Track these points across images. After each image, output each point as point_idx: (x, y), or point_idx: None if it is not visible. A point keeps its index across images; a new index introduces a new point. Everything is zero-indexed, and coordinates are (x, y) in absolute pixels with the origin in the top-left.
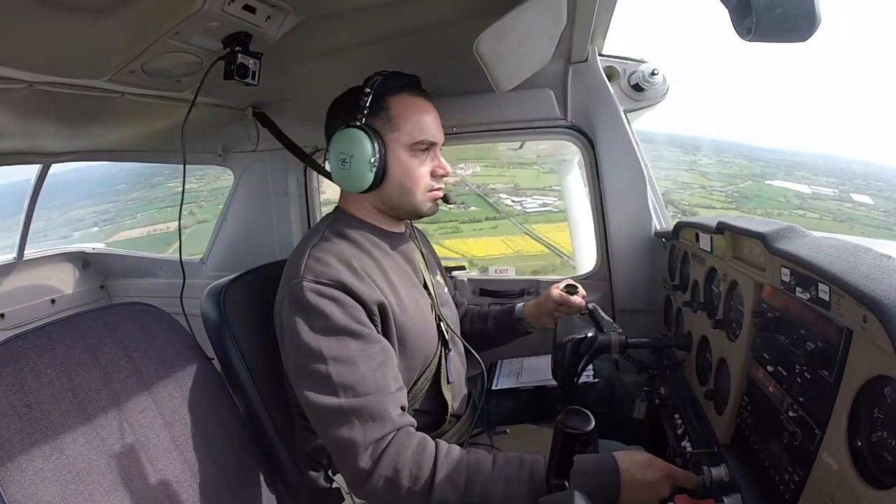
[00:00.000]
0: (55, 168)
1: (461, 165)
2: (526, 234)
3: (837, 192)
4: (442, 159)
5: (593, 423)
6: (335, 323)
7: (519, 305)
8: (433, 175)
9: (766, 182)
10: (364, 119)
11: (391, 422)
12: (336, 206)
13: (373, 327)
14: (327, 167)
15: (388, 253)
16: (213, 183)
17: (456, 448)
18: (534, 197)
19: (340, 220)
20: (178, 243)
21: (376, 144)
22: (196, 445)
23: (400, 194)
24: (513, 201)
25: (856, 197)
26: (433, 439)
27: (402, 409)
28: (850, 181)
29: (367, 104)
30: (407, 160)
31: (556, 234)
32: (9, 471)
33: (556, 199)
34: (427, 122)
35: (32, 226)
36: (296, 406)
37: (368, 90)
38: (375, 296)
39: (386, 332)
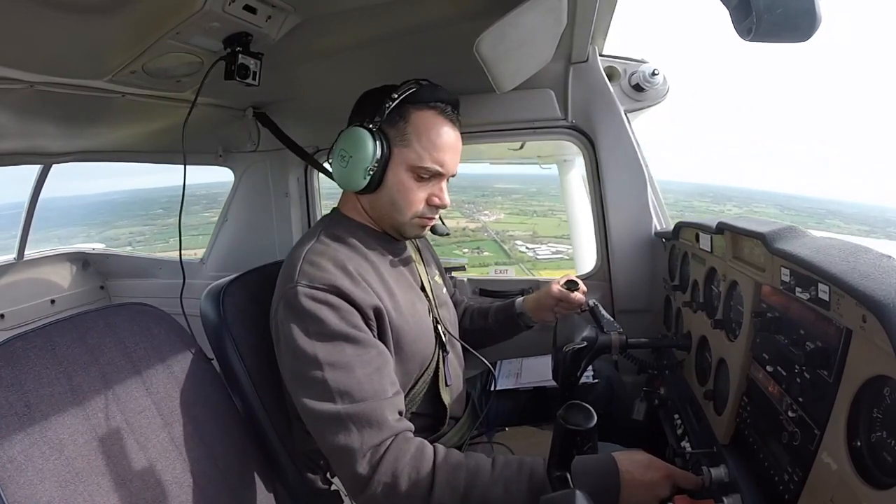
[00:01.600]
0: (103, 188)
1: (486, 212)
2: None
3: (867, 240)
4: (444, 191)
5: (595, 419)
6: (331, 328)
7: (519, 300)
8: (429, 203)
9: None
10: (380, 124)
11: (388, 427)
12: (333, 209)
13: (369, 332)
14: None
15: (385, 255)
16: None
17: (454, 452)
18: (549, 244)
19: (336, 223)
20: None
21: (380, 152)
22: (195, 446)
23: (389, 209)
24: (527, 248)
25: (885, 245)
26: (431, 444)
27: (400, 413)
28: (882, 229)
29: (389, 109)
30: (405, 180)
31: None
32: (8, 471)
33: (569, 246)
34: (443, 149)
35: (73, 241)
36: (293, 409)
37: (396, 95)
38: (371, 300)
39: (382, 337)
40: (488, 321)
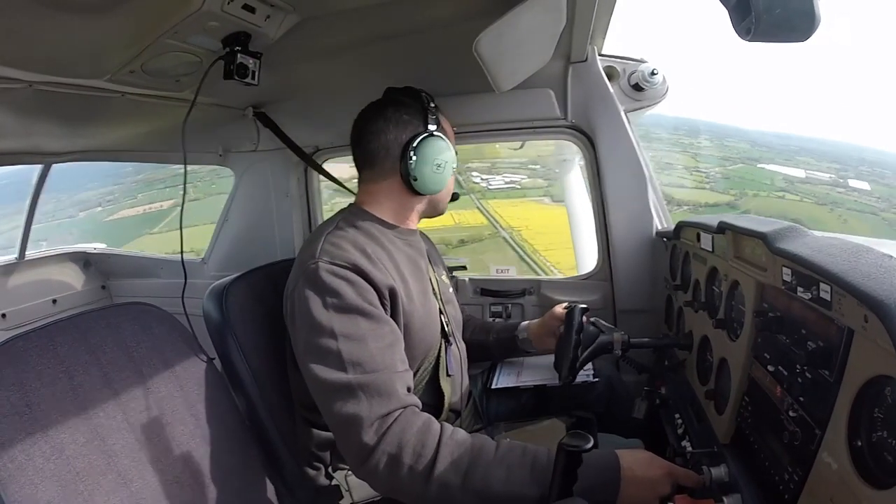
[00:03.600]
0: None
1: None
2: (477, 209)
3: (835, 177)
4: None
5: (591, 441)
6: (348, 302)
7: (523, 324)
8: None
9: (759, 165)
10: (436, 128)
11: (398, 399)
12: (350, 204)
13: (383, 310)
14: (327, 170)
15: (400, 247)
16: None
17: (460, 430)
18: (504, 175)
19: (355, 215)
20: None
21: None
22: (197, 445)
23: (445, 196)
24: (481, 179)
25: (853, 182)
26: (438, 421)
27: (409, 389)
28: (853, 167)
29: (433, 118)
30: None
31: (506, 208)
32: (9, 471)
33: (525, 176)
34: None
35: (43, 206)
36: (299, 398)
37: (433, 105)
38: (387, 281)
39: (394, 318)
40: (489, 338)
